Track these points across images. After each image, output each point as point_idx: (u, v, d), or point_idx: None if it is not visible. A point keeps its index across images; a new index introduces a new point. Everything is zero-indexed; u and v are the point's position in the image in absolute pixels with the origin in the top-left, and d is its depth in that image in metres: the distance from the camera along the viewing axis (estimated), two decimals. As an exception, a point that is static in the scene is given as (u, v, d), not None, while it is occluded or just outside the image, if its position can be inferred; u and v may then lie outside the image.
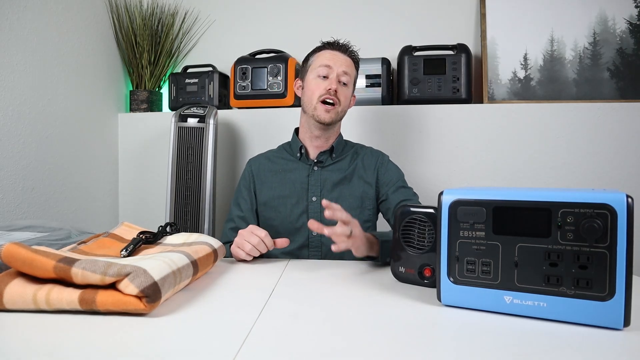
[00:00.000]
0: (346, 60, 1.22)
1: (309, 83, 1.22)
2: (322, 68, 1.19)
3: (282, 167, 1.26)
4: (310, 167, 1.24)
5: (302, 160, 1.25)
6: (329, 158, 1.25)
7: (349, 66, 1.22)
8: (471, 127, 1.65)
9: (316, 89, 1.19)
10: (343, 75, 1.20)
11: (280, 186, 1.24)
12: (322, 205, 0.90)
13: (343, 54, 1.22)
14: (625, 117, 1.57)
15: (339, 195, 1.20)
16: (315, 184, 1.22)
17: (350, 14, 1.92)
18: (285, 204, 1.22)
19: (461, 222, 0.66)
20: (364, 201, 1.22)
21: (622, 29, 1.66)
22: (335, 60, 1.20)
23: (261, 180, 1.26)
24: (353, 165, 1.25)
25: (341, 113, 1.22)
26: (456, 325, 0.60)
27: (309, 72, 1.24)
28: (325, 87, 1.18)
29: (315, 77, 1.20)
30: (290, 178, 1.24)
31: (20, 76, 1.41)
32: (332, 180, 1.23)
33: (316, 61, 1.22)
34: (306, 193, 1.22)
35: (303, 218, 1.20)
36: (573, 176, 1.59)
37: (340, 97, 1.19)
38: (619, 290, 0.56)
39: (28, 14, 1.44)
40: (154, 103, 1.95)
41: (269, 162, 1.29)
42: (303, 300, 0.72)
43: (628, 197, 0.56)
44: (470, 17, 1.83)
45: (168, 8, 1.99)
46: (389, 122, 1.69)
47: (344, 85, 1.21)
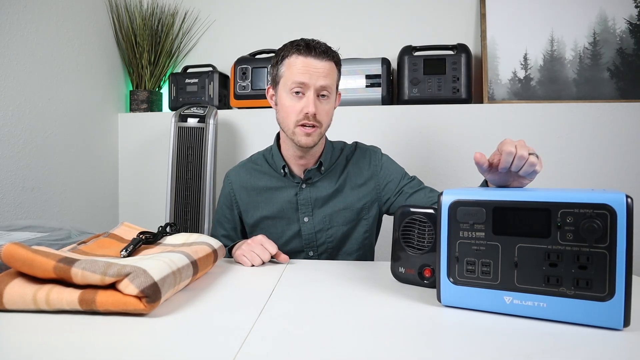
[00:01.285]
0: (324, 69, 1.01)
1: (282, 99, 1.05)
2: (295, 85, 1.01)
3: (266, 184, 1.15)
4: (298, 186, 1.12)
5: (288, 178, 1.13)
6: (317, 173, 1.13)
7: (327, 74, 1.02)
8: (471, 127, 1.65)
9: (291, 112, 1.02)
10: (321, 90, 1.02)
11: (268, 206, 1.13)
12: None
13: (319, 59, 1.01)
14: (625, 117, 1.57)
15: (332, 211, 1.12)
16: (306, 203, 1.12)
17: (350, 14, 1.92)
18: (276, 226, 1.13)
19: (461, 223, 0.66)
20: (360, 212, 1.13)
21: (622, 29, 1.66)
22: (310, 73, 1.00)
23: (244, 201, 1.16)
24: (344, 175, 1.14)
25: (324, 131, 1.07)
26: (456, 326, 0.60)
27: (280, 85, 1.05)
28: (302, 109, 1.01)
29: (288, 93, 1.03)
30: (277, 197, 1.13)
31: (20, 76, 1.41)
32: (323, 196, 1.12)
33: (287, 74, 1.02)
34: (296, 213, 1.12)
35: (296, 241, 1.13)
36: (573, 176, 1.59)
37: (320, 118, 1.03)
38: (618, 290, 0.56)
39: (28, 14, 1.44)
40: (154, 103, 1.95)
41: (250, 177, 1.17)
42: (303, 300, 0.72)
43: (628, 197, 0.56)
44: (470, 17, 1.83)
45: (168, 8, 2.00)
46: (389, 122, 1.69)
47: (323, 98, 1.03)
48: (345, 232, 1.13)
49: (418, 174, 1.68)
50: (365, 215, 1.14)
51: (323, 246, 1.13)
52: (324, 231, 1.12)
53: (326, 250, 1.13)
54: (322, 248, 1.13)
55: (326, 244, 1.12)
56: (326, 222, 1.12)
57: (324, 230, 1.12)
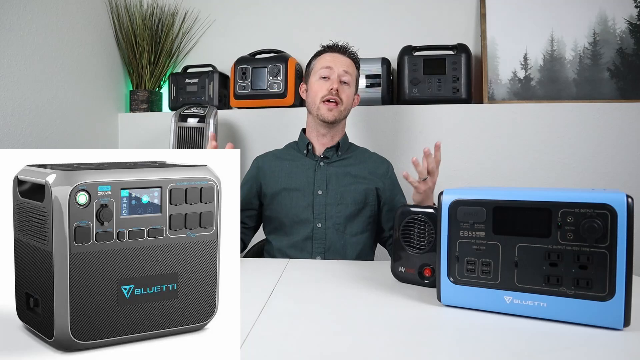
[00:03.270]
0: (346, 61, 1.27)
1: (312, 85, 1.28)
2: (323, 70, 1.25)
3: (289, 162, 1.30)
4: (317, 163, 1.27)
5: (309, 156, 1.29)
6: (335, 154, 1.29)
7: (349, 66, 1.27)
8: (471, 127, 1.65)
9: (319, 90, 1.25)
10: (344, 74, 1.25)
11: (287, 179, 1.27)
12: (434, 147, 1.09)
13: (343, 55, 1.28)
14: (625, 117, 1.57)
15: (344, 190, 1.23)
16: (322, 178, 1.25)
17: (350, 14, 1.92)
18: (291, 197, 1.24)
19: (461, 222, 0.66)
20: (367, 197, 1.24)
21: (622, 29, 1.66)
22: (335, 61, 1.26)
23: (267, 174, 1.30)
24: (359, 166, 1.29)
25: (344, 111, 1.27)
26: (456, 325, 0.60)
27: (311, 75, 1.29)
28: (327, 87, 1.23)
29: (317, 79, 1.26)
30: (296, 172, 1.27)
31: (20, 76, 1.41)
32: (338, 175, 1.26)
33: (317, 64, 1.28)
34: (312, 187, 1.25)
35: (308, 211, 1.22)
36: (573, 176, 1.59)
37: (342, 96, 1.24)
38: (619, 290, 0.56)
39: (28, 14, 1.44)
40: (154, 103, 1.95)
41: (276, 159, 1.33)
42: (303, 300, 0.72)
43: (628, 197, 0.56)
44: (470, 17, 1.83)
45: (168, 8, 1.99)
46: (389, 122, 1.69)
47: (345, 84, 1.26)
48: (353, 211, 1.23)
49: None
50: (372, 202, 1.25)
51: (332, 220, 1.21)
52: (334, 205, 1.22)
53: (334, 225, 1.21)
54: (330, 222, 1.21)
55: (334, 218, 1.22)
56: (337, 198, 1.23)
57: (334, 204, 1.22)
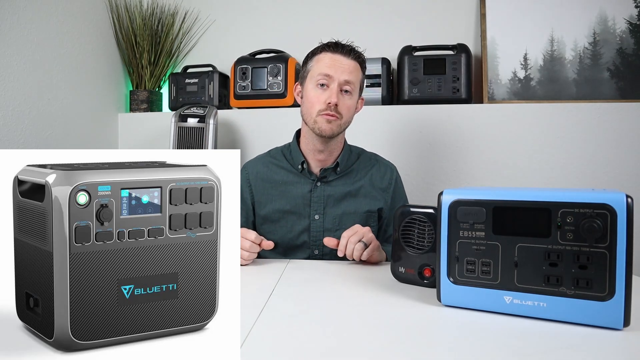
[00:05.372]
0: (349, 65, 1.09)
1: (307, 92, 1.11)
2: (321, 77, 1.08)
3: (282, 178, 1.18)
4: (313, 183, 1.16)
5: (304, 173, 1.17)
6: (333, 173, 1.17)
7: (352, 72, 1.09)
8: (471, 127, 1.65)
9: (316, 102, 1.08)
10: (345, 84, 1.08)
11: (281, 200, 1.16)
12: (325, 244, 1.00)
13: (346, 57, 1.09)
14: (625, 117, 1.57)
15: (343, 212, 1.14)
16: (318, 201, 1.15)
17: (350, 14, 1.92)
18: (286, 220, 1.15)
19: (461, 222, 0.66)
20: (368, 219, 1.16)
21: (622, 29, 1.66)
22: (336, 67, 1.07)
23: (260, 192, 1.19)
24: (360, 181, 1.18)
25: (344, 124, 1.13)
26: (456, 325, 0.60)
27: (307, 78, 1.12)
28: (325, 99, 1.07)
29: (314, 86, 1.09)
30: (291, 192, 1.16)
31: (20, 76, 1.41)
32: (336, 195, 1.15)
33: (315, 67, 1.10)
34: (308, 209, 1.15)
35: (304, 236, 1.14)
36: (573, 176, 1.59)
37: (342, 111, 1.09)
38: (618, 290, 0.56)
39: (28, 14, 1.44)
40: (154, 103, 1.95)
41: (267, 170, 1.20)
42: (303, 300, 0.72)
43: (628, 197, 0.56)
44: (470, 17, 1.83)
45: (168, 8, 1.99)
46: (389, 122, 1.69)
47: (346, 93, 1.09)
48: None
49: (418, 174, 1.68)
50: (373, 223, 1.16)
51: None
52: (332, 231, 1.13)
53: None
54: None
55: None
56: (335, 223, 1.14)
57: (333, 230, 1.13)
